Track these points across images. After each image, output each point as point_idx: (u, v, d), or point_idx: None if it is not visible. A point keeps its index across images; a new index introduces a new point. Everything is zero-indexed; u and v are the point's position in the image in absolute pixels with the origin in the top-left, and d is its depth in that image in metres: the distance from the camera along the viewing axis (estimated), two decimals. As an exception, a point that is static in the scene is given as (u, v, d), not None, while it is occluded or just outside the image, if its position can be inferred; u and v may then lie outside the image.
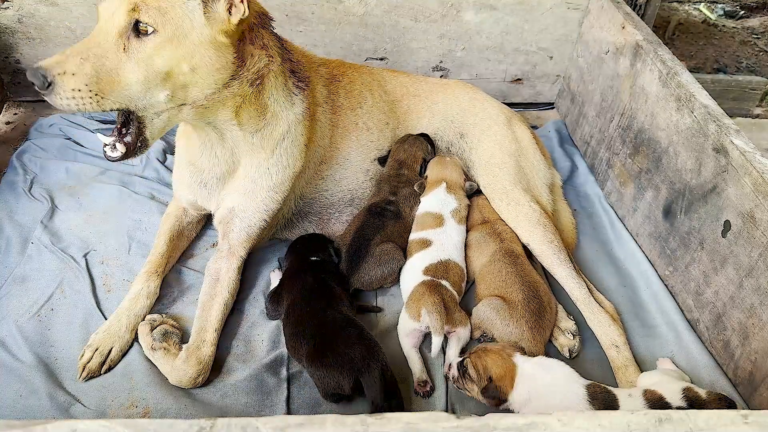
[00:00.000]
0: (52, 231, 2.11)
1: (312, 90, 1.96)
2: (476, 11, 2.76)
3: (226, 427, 0.89)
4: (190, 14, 1.46)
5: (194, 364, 1.66)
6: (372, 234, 1.98)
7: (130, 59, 1.45)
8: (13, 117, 2.78)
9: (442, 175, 2.14)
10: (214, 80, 1.57)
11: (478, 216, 2.14)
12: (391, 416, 0.92)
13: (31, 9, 2.57)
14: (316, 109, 2.00)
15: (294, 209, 2.08)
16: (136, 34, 1.45)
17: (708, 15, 4.49)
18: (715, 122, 1.86)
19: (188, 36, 1.48)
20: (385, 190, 2.13)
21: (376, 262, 1.93)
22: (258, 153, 1.84)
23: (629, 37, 2.37)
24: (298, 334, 1.68)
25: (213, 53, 1.52)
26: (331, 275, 1.87)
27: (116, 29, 1.45)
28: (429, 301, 1.75)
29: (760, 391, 1.64)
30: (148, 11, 1.43)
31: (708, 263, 1.86)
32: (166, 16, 1.44)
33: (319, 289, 1.78)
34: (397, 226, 2.05)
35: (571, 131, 2.88)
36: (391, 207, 2.08)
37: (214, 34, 1.50)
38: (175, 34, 1.46)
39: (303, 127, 1.89)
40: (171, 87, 1.52)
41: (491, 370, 1.58)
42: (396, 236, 2.03)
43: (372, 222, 2.01)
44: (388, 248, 1.96)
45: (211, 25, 1.50)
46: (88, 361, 1.69)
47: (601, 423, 0.92)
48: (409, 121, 2.31)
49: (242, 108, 1.72)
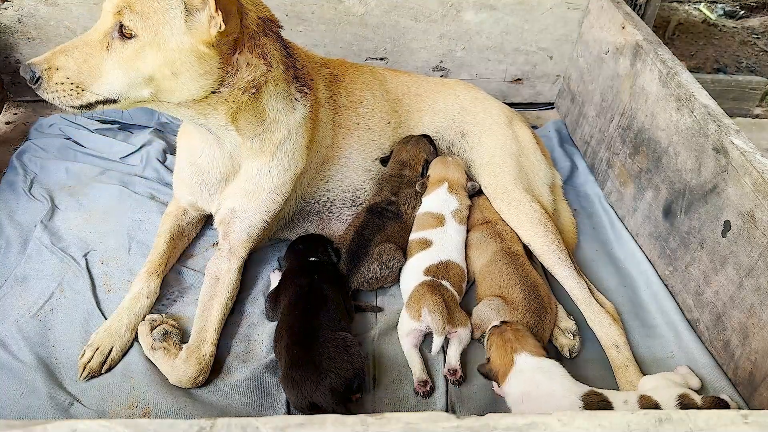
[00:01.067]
0: (52, 231, 2.11)
1: (314, 92, 1.96)
2: (476, 11, 2.76)
3: (226, 427, 0.89)
4: (170, 22, 1.48)
5: (194, 363, 1.66)
6: (372, 234, 1.98)
7: (111, 57, 1.50)
8: (13, 117, 2.78)
9: (444, 175, 2.13)
10: (199, 86, 1.58)
11: (479, 216, 2.14)
12: (391, 416, 0.92)
13: (31, 9, 2.57)
14: (319, 110, 2.00)
15: (295, 209, 2.08)
16: (120, 36, 1.49)
17: (708, 15, 4.49)
18: (715, 122, 1.86)
19: (168, 42, 1.49)
20: (386, 191, 2.13)
21: (375, 262, 1.93)
22: (258, 156, 1.84)
23: (629, 37, 2.37)
24: (279, 340, 1.69)
25: (194, 61, 1.53)
26: (328, 276, 1.87)
27: (103, 29, 1.50)
28: (430, 301, 1.75)
29: (760, 391, 1.64)
30: (130, 16, 1.46)
31: (708, 263, 1.86)
32: (147, 22, 1.47)
33: (312, 294, 1.77)
34: (397, 226, 2.05)
35: (571, 131, 2.88)
36: (392, 207, 2.08)
37: (195, 43, 1.51)
38: (155, 39, 1.48)
39: (304, 130, 1.89)
40: (155, 87, 1.55)
41: (492, 354, 1.62)
42: (396, 236, 2.03)
43: (372, 222, 2.01)
44: (387, 248, 1.96)
45: (192, 35, 1.50)
46: (88, 360, 1.69)
47: (601, 423, 0.92)
48: (411, 120, 2.31)
49: (239, 114, 1.72)
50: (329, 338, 1.63)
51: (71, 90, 1.49)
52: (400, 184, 2.14)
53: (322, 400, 1.53)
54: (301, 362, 1.58)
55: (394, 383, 1.73)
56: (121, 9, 1.46)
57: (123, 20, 1.47)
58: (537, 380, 1.55)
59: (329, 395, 1.53)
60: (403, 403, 1.68)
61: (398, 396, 1.70)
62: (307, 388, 1.54)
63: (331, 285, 1.84)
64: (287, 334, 1.67)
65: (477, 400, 1.70)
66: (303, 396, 1.54)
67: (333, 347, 1.61)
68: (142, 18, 1.46)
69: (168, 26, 1.48)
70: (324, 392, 1.53)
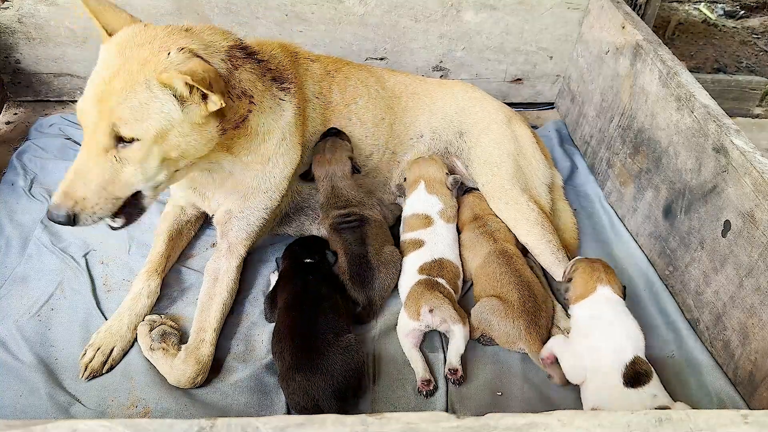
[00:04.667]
0: (52, 231, 2.11)
1: (300, 86, 1.95)
2: (476, 11, 2.76)
3: (226, 427, 0.89)
4: (167, 116, 1.51)
5: (193, 363, 1.66)
6: (363, 248, 1.92)
7: (125, 165, 1.53)
8: (13, 117, 2.78)
9: (419, 174, 2.14)
10: (205, 149, 1.64)
11: (468, 213, 2.14)
12: (391, 416, 0.92)
13: (31, 9, 2.57)
14: (306, 105, 2.00)
15: (291, 204, 2.09)
16: (123, 144, 1.51)
17: (708, 15, 4.49)
18: (715, 122, 1.86)
19: (171, 132, 1.53)
20: (332, 213, 2.00)
21: (385, 270, 1.91)
22: (254, 166, 1.85)
23: (629, 37, 2.37)
24: (279, 342, 1.68)
25: (197, 134, 1.58)
26: (324, 277, 1.86)
27: (102, 147, 1.50)
28: (431, 297, 1.76)
29: (760, 391, 1.64)
30: (126, 125, 1.48)
31: (708, 263, 1.86)
32: (144, 124, 1.49)
33: (307, 295, 1.76)
34: (373, 226, 1.99)
35: (571, 131, 2.88)
36: (352, 217, 1.97)
37: (195, 120, 1.55)
38: (159, 134, 1.51)
39: (295, 128, 1.90)
40: (167, 167, 1.59)
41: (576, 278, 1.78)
42: (381, 234, 2.00)
43: (352, 239, 1.94)
44: (387, 252, 1.95)
45: (191, 116, 1.54)
46: (90, 360, 1.69)
47: (601, 423, 0.92)
48: (407, 118, 2.31)
49: (233, 143, 1.75)
50: (332, 342, 1.62)
51: (108, 204, 1.53)
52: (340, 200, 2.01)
53: (327, 405, 1.53)
54: (306, 367, 1.57)
55: (394, 383, 1.73)
56: (114, 125, 1.47)
57: (121, 133, 1.48)
58: (607, 313, 1.69)
59: (334, 400, 1.53)
60: (403, 403, 1.68)
61: (398, 396, 1.70)
62: (313, 392, 1.54)
63: (327, 285, 1.83)
64: (289, 336, 1.66)
65: (477, 400, 1.70)
66: (308, 400, 1.54)
67: (337, 351, 1.60)
68: (139, 123, 1.48)
69: (166, 120, 1.51)
70: (329, 397, 1.53)
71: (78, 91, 2.82)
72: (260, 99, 1.76)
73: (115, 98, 1.46)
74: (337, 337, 1.64)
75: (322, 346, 1.61)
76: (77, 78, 2.79)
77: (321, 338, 1.63)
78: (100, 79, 1.49)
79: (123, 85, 1.46)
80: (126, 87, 1.46)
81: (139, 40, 1.52)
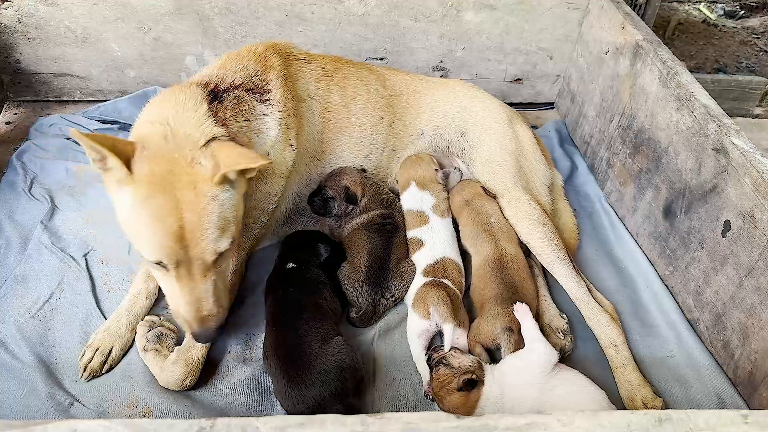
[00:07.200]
0: (52, 231, 2.11)
1: (290, 87, 1.93)
2: (476, 11, 2.76)
3: (226, 427, 0.89)
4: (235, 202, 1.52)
5: (182, 366, 1.66)
6: (385, 253, 1.94)
7: (212, 277, 1.52)
8: (13, 117, 2.78)
9: (410, 174, 2.17)
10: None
11: (458, 198, 2.14)
12: (390, 416, 0.92)
13: (31, 9, 2.57)
14: (300, 105, 1.98)
15: (291, 207, 2.09)
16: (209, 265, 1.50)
17: (708, 15, 4.49)
18: (715, 122, 1.86)
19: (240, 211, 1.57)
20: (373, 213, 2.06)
21: (398, 281, 1.92)
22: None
23: (629, 37, 2.37)
24: (266, 358, 1.68)
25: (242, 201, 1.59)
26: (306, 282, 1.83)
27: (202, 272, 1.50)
28: (435, 295, 1.78)
29: (760, 391, 1.64)
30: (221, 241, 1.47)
31: (708, 263, 1.86)
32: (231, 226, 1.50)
33: (288, 310, 1.73)
34: (401, 236, 2.05)
35: (571, 131, 2.88)
36: (390, 219, 2.05)
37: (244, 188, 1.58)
38: (238, 220, 1.55)
39: (284, 137, 1.87)
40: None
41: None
42: (403, 248, 2.03)
43: (376, 240, 1.96)
44: (406, 266, 1.96)
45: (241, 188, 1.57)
46: (89, 360, 1.69)
47: (601, 423, 0.92)
48: (408, 116, 2.30)
49: None
50: (320, 351, 1.60)
51: (224, 302, 1.58)
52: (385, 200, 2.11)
53: (329, 408, 1.52)
54: (300, 382, 1.55)
55: (394, 383, 1.73)
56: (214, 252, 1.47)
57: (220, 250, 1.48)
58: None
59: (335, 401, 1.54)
60: (403, 403, 1.68)
61: (398, 396, 1.70)
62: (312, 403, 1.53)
63: (308, 291, 1.79)
64: (275, 356, 1.63)
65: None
66: (309, 411, 1.53)
67: (328, 358, 1.59)
68: (228, 230, 1.49)
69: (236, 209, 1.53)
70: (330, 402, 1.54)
71: (78, 91, 2.83)
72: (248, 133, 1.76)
73: (198, 232, 1.42)
74: (323, 344, 1.62)
75: (310, 360, 1.58)
76: (77, 78, 2.79)
77: (307, 350, 1.60)
78: (168, 224, 1.40)
79: (193, 215, 1.41)
80: (199, 215, 1.42)
81: (164, 166, 1.43)
